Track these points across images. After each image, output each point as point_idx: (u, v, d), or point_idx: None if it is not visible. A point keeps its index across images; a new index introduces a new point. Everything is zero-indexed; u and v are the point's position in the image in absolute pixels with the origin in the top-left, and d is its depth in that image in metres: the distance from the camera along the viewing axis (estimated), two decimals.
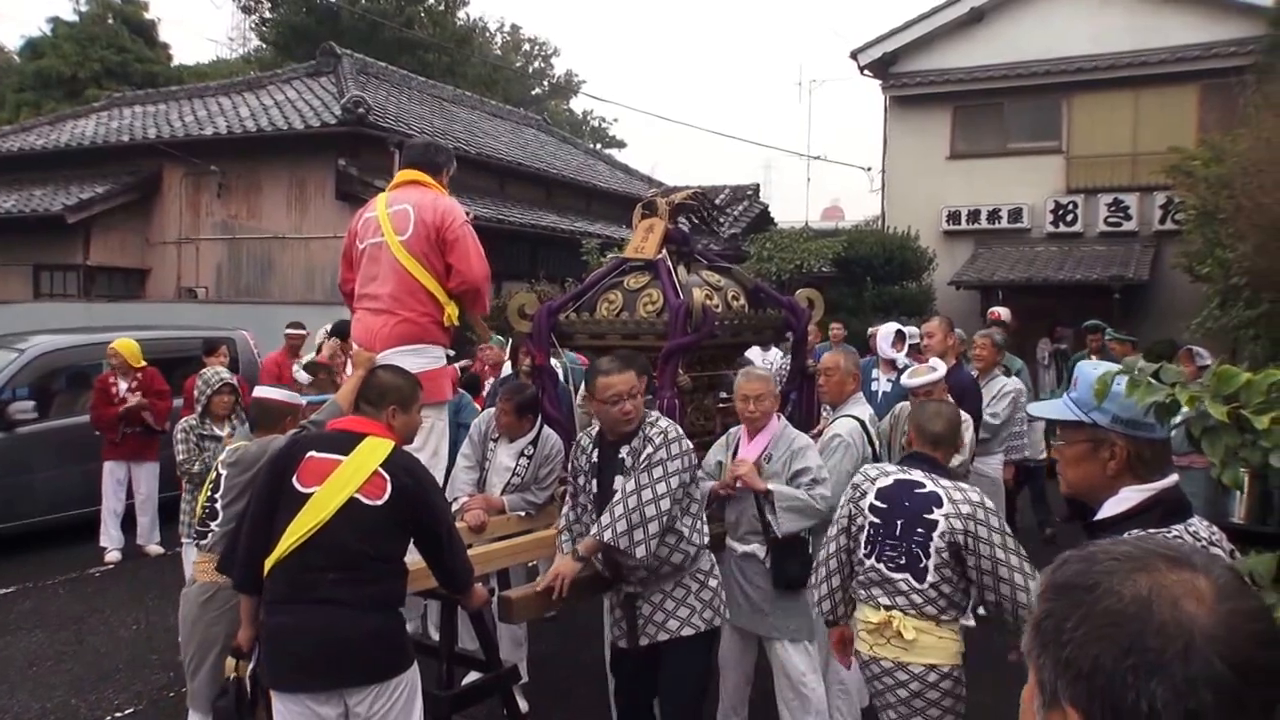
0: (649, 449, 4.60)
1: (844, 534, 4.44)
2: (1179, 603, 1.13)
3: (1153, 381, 2.35)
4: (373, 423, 4.21)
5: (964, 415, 6.43)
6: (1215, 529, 2.45)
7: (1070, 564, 1.25)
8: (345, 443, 4.08)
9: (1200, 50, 18.25)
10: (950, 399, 6.55)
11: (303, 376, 9.74)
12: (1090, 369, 2.58)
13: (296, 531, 3.89)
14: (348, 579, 3.90)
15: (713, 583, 4.85)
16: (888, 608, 4.22)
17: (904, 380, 6.97)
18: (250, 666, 4.44)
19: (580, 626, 4.87)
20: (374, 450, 4.07)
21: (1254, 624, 1.13)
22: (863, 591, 4.33)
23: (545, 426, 6.31)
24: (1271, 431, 2.28)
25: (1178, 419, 2.47)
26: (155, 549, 9.95)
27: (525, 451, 6.18)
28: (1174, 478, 2.44)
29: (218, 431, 7.25)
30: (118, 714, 6.49)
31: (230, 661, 4.45)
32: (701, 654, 4.82)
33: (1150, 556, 1.20)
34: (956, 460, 6.20)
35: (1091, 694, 1.12)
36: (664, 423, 4.75)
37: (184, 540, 7.39)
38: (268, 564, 3.95)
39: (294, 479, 4.00)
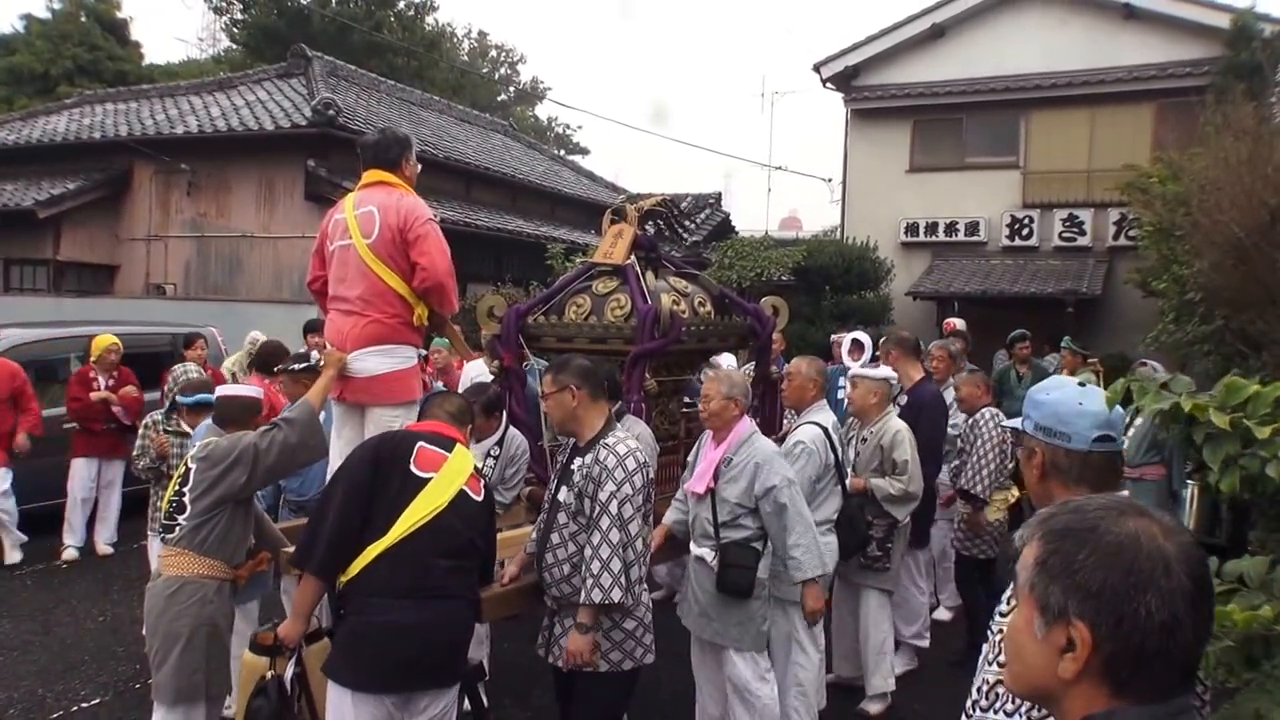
0: (610, 485, 4.33)
1: None
2: (1155, 538, 1.47)
3: (1161, 391, 2.40)
4: (459, 432, 4.45)
5: (899, 427, 6.44)
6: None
7: (1061, 515, 1.56)
8: (444, 442, 4.28)
9: (1156, 70, 18.41)
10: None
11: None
12: (1039, 384, 2.64)
13: (418, 513, 4.01)
14: (457, 568, 4.08)
15: (629, 624, 4.50)
16: None
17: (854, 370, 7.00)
18: (289, 665, 4.36)
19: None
20: (466, 455, 4.33)
21: (1198, 552, 1.49)
22: None
23: (511, 427, 6.27)
24: (1272, 442, 2.34)
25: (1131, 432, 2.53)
26: (105, 549, 9.85)
27: (491, 452, 6.13)
28: (1121, 496, 2.43)
29: (184, 426, 7.09)
30: (84, 704, 6.44)
31: (260, 661, 4.34)
32: (606, 694, 4.56)
33: (1123, 507, 1.54)
34: (899, 484, 6.23)
35: (1099, 608, 1.44)
36: (622, 449, 4.42)
37: (150, 533, 7.28)
38: (375, 550, 3.97)
39: (411, 464, 4.11)
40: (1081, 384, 2.52)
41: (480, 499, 4.25)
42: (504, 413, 6.23)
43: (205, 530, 4.67)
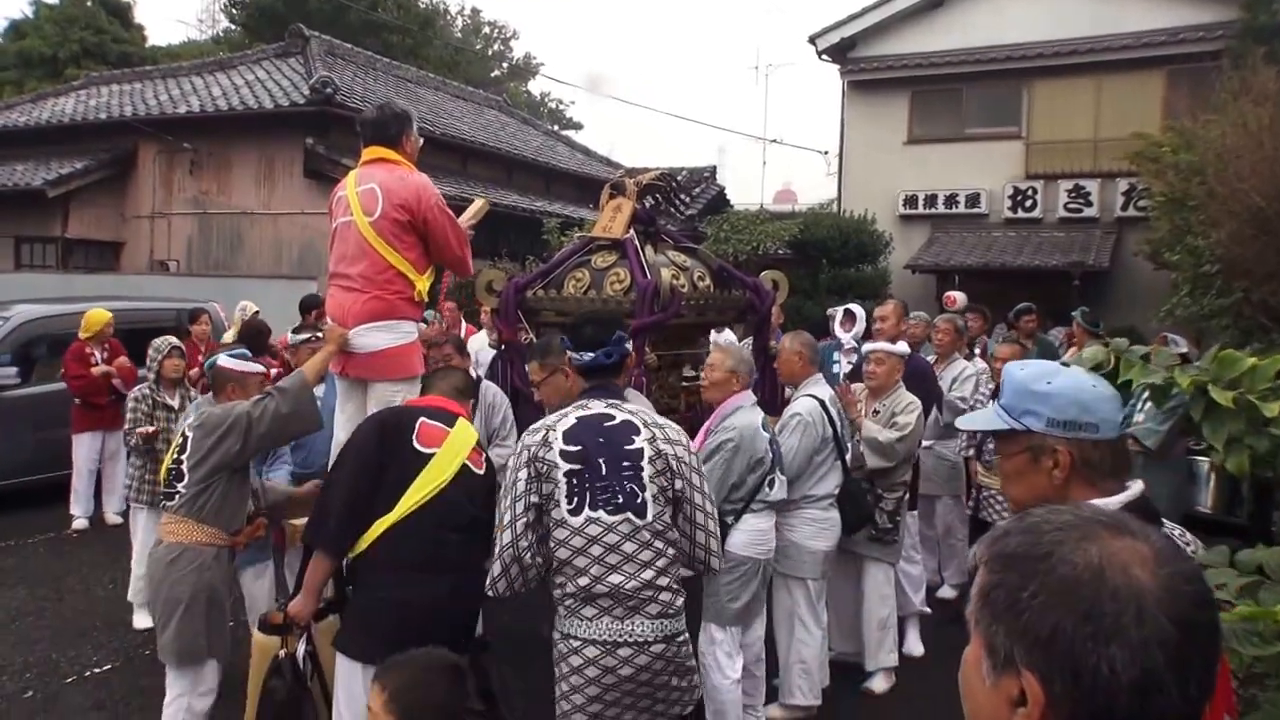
0: None
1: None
2: (1128, 569, 1.17)
3: (1146, 364, 2.20)
4: (461, 407, 4.47)
5: (911, 399, 6.36)
6: (1187, 534, 2.29)
7: (1013, 535, 1.27)
8: (446, 417, 4.29)
9: (1166, 36, 17.92)
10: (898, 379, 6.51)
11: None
12: (1016, 370, 2.33)
13: (423, 489, 4.02)
14: (465, 541, 4.08)
15: None
16: None
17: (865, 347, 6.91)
18: (301, 643, 4.38)
19: (540, 599, 4.81)
20: (468, 429, 4.34)
21: (1191, 586, 1.19)
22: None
23: (484, 380, 6.41)
24: None
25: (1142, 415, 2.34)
26: (114, 519, 9.91)
27: None
28: (1139, 486, 2.18)
29: (170, 401, 7.38)
30: (96, 670, 6.58)
31: (271, 640, 4.40)
32: None
33: (1092, 525, 1.24)
34: (891, 435, 6.13)
35: (1050, 659, 1.16)
36: None
37: (132, 505, 7.49)
38: (381, 526, 3.99)
39: (413, 439, 4.11)
40: (1065, 364, 2.28)
41: (482, 472, 4.25)
42: (468, 356, 6.50)
43: (203, 498, 4.75)
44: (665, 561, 3.69)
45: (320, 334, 6.65)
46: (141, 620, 7.14)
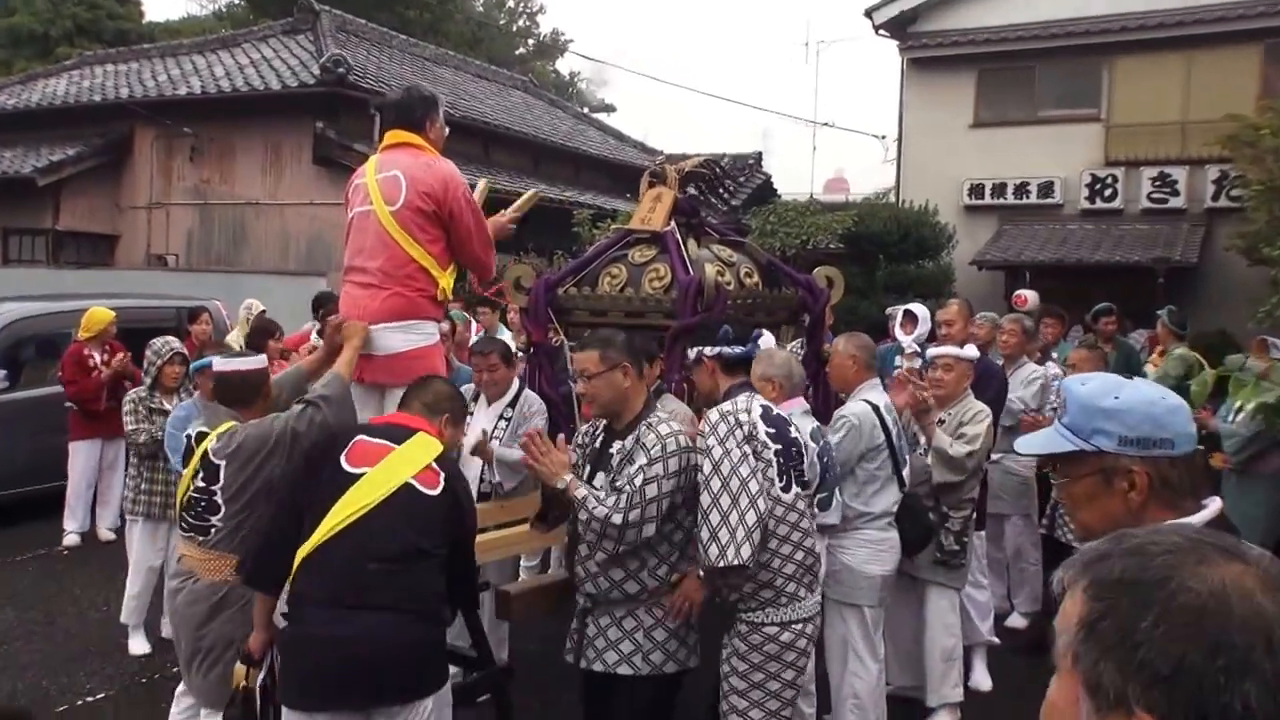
0: (641, 459, 4.27)
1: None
2: (1251, 596, 1.13)
3: (1262, 382, 2.18)
4: (426, 422, 4.28)
5: (980, 407, 6.31)
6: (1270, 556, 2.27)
7: (1116, 558, 1.23)
8: (396, 434, 4.14)
9: (1264, 6, 17.61)
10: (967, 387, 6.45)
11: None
12: (1077, 385, 2.32)
13: (342, 513, 3.84)
14: (392, 572, 3.84)
15: (673, 623, 4.46)
16: None
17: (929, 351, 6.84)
18: (261, 675, 4.39)
19: (562, 624, 4.84)
20: (427, 445, 4.13)
21: None
22: None
23: (525, 389, 6.34)
24: None
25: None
26: (108, 535, 9.92)
27: (504, 414, 6.22)
28: (1216, 505, 2.16)
29: (166, 405, 7.31)
30: (89, 698, 6.57)
31: (240, 669, 4.40)
32: (647, 698, 4.47)
33: (1204, 548, 1.20)
34: (962, 449, 6.06)
35: (1174, 697, 1.10)
36: (664, 429, 4.36)
37: (128, 517, 7.49)
38: (300, 554, 3.86)
39: (341, 459, 3.99)
40: (1131, 375, 2.27)
41: (435, 492, 4.00)
42: (515, 365, 6.46)
43: (244, 528, 4.75)
44: None
45: None
46: (138, 645, 7.20)
